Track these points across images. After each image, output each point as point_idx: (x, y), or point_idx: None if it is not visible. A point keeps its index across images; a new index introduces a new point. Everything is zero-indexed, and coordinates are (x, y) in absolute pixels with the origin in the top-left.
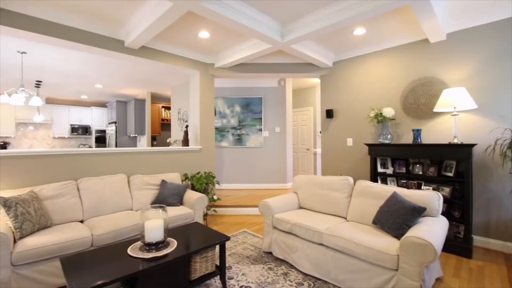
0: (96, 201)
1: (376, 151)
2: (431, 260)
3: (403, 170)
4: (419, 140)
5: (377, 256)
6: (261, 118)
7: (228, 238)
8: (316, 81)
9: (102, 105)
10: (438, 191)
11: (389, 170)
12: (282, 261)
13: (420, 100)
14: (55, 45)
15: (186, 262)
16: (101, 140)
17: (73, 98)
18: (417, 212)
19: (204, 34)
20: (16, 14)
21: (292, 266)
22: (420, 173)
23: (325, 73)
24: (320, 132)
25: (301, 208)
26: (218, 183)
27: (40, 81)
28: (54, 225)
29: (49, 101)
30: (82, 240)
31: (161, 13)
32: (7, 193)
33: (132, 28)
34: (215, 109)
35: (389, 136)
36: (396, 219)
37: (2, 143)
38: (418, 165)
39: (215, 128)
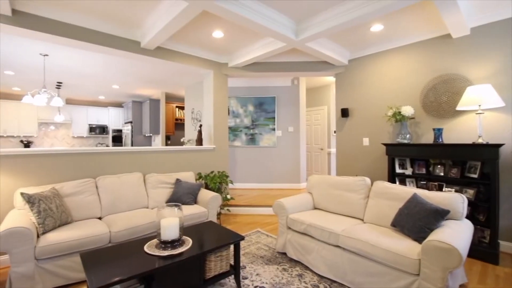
0: (113, 198)
1: (394, 151)
2: (455, 265)
3: (423, 171)
4: (440, 140)
5: (397, 260)
6: (274, 118)
7: (242, 238)
8: (330, 79)
9: (119, 105)
10: (461, 193)
11: (408, 171)
12: (297, 262)
13: (442, 98)
14: (74, 47)
15: (201, 261)
16: (117, 139)
17: (91, 99)
18: (439, 215)
19: (218, 33)
20: (38, 17)
21: (307, 268)
22: (442, 174)
23: (340, 71)
24: (335, 132)
25: (315, 208)
26: (231, 182)
27: (61, 83)
28: (74, 221)
29: (68, 101)
30: (101, 237)
31: (176, 13)
32: (30, 190)
33: (148, 29)
34: (228, 109)
35: (408, 136)
36: (416, 221)
37: (25, 142)
38: (439, 166)
39: (228, 128)
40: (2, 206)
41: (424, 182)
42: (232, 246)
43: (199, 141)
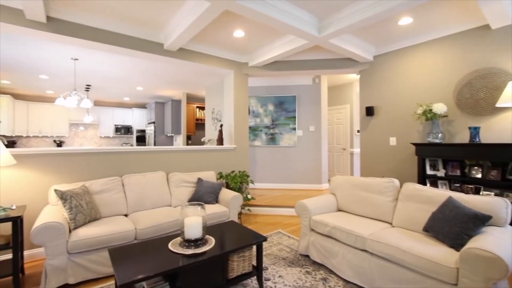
0: (138, 196)
1: (425, 151)
2: (500, 276)
3: (457, 172)
4: (477, 139)
5: (431, 268)
6: (295, 117)
7: (265, 239)
8: (353, 77)
9: (142, 106)
10: (502, 197)
11: (440, 173)
12: (320, 265)
13: (478, 95)
14: (102, 51)
15: (224, 261)
16: (141, 139)
17: (117, 100)
18: (479, 221)
19: (239, 33)
20: (70, 23)
21: (331, 271)
22: (479, 176)
23: (365, 68)
24: (358, 131)
25: (339, 210)
26: (252, 182)
27: (89, 85)
28: (102, 217)
29: (96, 103)
30: (127, 233)
31: (198, 13)
32: (63, 187)
33: (171, 31)
34: (248, 108)
35: (440, 135)
36: (453, 227)
37: (58, 142)
38: (476, 168)
39: (248, 128)
40: (38, 202)
41: (458, 185)
42: (254, 247)
43: (220, 141)
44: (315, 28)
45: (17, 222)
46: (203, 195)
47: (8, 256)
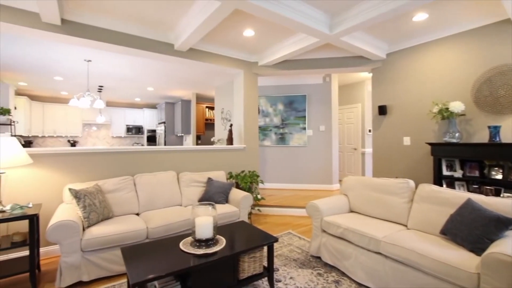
0: (150, 195)
1: (441, 151)
2: None
3: (476, 173)
4: (497, 139)
5: (450, 272)
6: (305, 117)
7: (276, 240)
8: (365, 75)
9: (153, 106)
10: None
11: (458, 173)
12: (332, 267)
13: (499, 92)
14: (114, 52)
15: (235, 261)
16: (152, 139)
17: (128, 101)
18: (502, 224)
19: (249, 32)
20: (83, 25)
21: (343, 274)
22: (499, 177)
23: (377, 66)
24: (370, 131)
25: (352, 211)
26: (262, 182)
27: (102, 86)
28: (114, 216)
29: (108, 104)
30: (139, 232)
31: (208, 13)
32: (77, 186)
33: (181, 31)
34: (258, 108)
35: (457, 134)
36: (473, 230)
37: (72, 141)
38: (496, 168)
39: (258, 127)
40: (53, 200)
41: (477, 186)
42: (265, 248)
43: (230, 141)
44: (327, 26)
45: (33, 220)
46: (213, 195)
47: (25, 253)
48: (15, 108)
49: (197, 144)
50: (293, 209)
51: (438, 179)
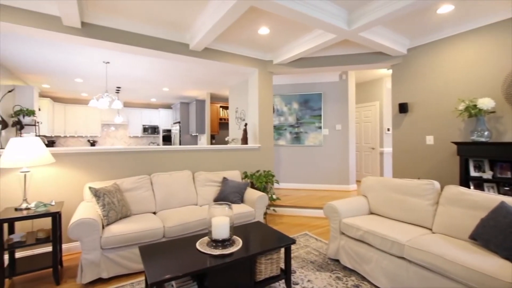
0: (166, 195)
1: (468, 151)
2: None
3: (508, 174)
4: None
5: (483, 280)
6: (320, 115)
7: (293, 241)
8: (383, 72)
9: (168, 106)
10: None
11: (487, 175)
12: (352, 271)
13: None
14: (131, 53)
15: (252, 263)
16: (167, 138)
17: (144, 101)
18: None
19: (263, 30)
20: (103, 27)
21: (363, 278)
22: None
23: (398, 62)
24: (389, 129)
25: (371, 213)
26: (277, 182)
27: (119, 87)
28: (132, 215)
29: (126, 104)
30: (156, 231)
31: (224, 11)
32: (96, 184)
33: (196, 31)
34: (273, 107)
35: (486, 133)
36: (509, 236)
37: (92, 141)
38: None
39: (273, 126)
40: (74, 198)
41: (508, 188)
42: (282, 249)
43: (244, 140)
44: (344, 21)
45: (56, 218)
46: (228, 194)
47: (49, 249)
48: (39, 109)
49: (211, 143)
50: (309, 209)
51: (465, 181)
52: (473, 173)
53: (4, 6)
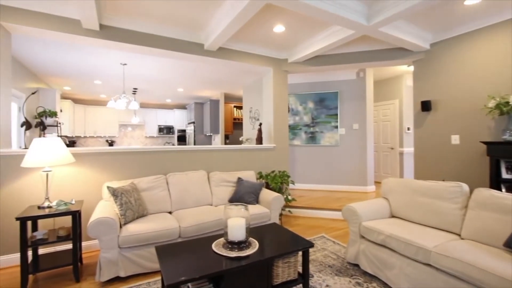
0: (181, 194)
1: (500, 151)
2: None
3: None
4: None
5: None
6: (336, 114)
7: (312, 245)
8: (403, 69)
9: (183, 107)
10: None
11: None
12: (373, 277)
13: None
14: (147, 54)
15: (269, 266)
16: (182, 138)
17: (159, 102)
18: None
19: (279, 28)
20: (120, 29)
21: (385, 285)
22: None
23: (420, 58)
24: (409, 129)
25: (393, 216)
26: (293, 182)
27: (136, 88)
28: (149, 214)
29: (142, 105)
30: (172, 231)
31: (239, 9)
32: (114, 184)
33: (211, 31)
34: (288, 107)
35: None
36: None
37: (110, 141)
38: None
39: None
40: (93, 197)
41: None
42: (299, 252)
43: (259, 140)
44: (364, 16)
45: (76, 216)
46: (243, 195)
47: (70, 246)
48: (61, 110)
49: (225, 143)
50: (326, 211)
51: (496, 183)
52: (505, 175)
53: (29, 11)
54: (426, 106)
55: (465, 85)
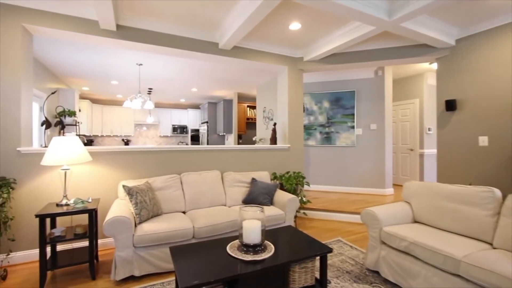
0: (195, 194)
1: None
2: None
3: None
4: None
5: None
6: (353, 114)
7: (330, 250)
8: (424, 67)
9: (196, 107)
10: None
11: None
12: (394, 285)
13: None
14: (163, 54)
15: (285, 271)
16: (195, 138)
17: (174, 102)
18: None
19: (295, 25)
20: (136, 29)
21: None
22: None
23: (444, 55)
24: (430, 129)
25: (416, 222)
26: (308, 184)
27: (151, 88)
28: (163, 213)
29: (157, 105)
30: (186, 231)
31: (254, 7)
32: (129, 183)
33: (226, 29)
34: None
35: None
36: None
37: (126, 140)
38: None
39: None
40: (109, 195)
41: None
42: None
43: (273, 140)
44: (385, 11)
45: (92, 214)
46: (257, 196)
47: (86, 243)
48: (80, 110)
49: (238, 143)
50: (342, 214)
51: None
52: None
53: (50, 13)
54: (450, 105)
55: (494, 83)
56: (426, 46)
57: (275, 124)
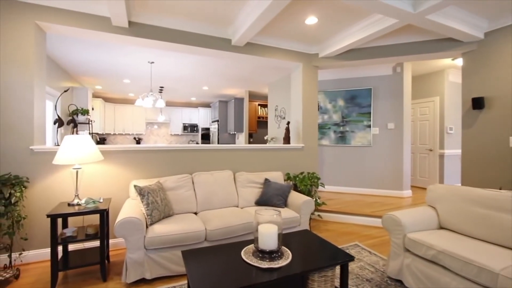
0: (207, 195)
1: None
2: None
3: None
4: None
5: None
6: (369, 113)
7: (352, 258)
8: (446, 63)
9: (207, 105)
10: None
11: None
12: None
13: None
14: (175, 51)
15: (304, 280)
16: (205, 137)
17: (184, 100)
18: None
19: (311, 20)
20: (149, 26)
21: None
22: None
23: (471, 49)
24: (451, 129)
25: (442, 228)
26: (323, 185)
27: (163, 87)
28: (175, 214)
29: (168, 104)
30: (198, 233)
31: (269, 2)
32: (141, 182)
33: (239, 25)
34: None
35: None
36: None
37: (137, 139)
38: None
39: None
40: (121, 195)
41: None
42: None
43: (287, 139)
44: (409, 3)
45: (103, 215)
46: (271, 197)
47: (98, 243)
48: (92, 109)
49: (249, 142)
50: (358, 216)
51: None
52: None
53: (62, 10)
54: (478, 103)
55: None
56: (451, 40)
57: (288, 123)
